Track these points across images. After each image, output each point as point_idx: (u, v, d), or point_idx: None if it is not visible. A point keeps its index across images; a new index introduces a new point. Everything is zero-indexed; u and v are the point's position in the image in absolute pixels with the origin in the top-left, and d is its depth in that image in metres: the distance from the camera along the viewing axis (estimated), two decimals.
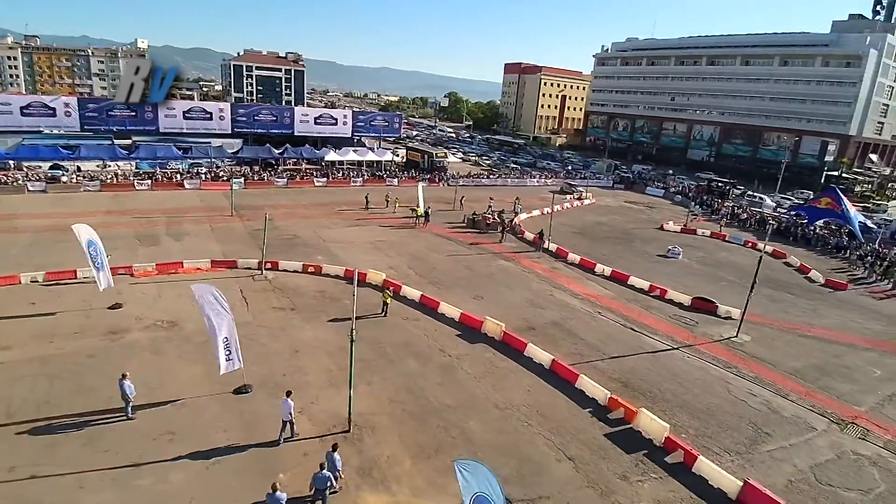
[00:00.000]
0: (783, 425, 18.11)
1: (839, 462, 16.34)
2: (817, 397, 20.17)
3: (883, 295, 33.87)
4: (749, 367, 22.01)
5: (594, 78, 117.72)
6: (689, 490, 14.64)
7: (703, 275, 34.28)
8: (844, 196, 47.93)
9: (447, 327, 23.75)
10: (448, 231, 39.94)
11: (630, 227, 46.18)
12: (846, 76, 78.14)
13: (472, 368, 20.31)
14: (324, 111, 68.84)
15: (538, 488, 14.27)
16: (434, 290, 27.76)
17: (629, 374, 20.61)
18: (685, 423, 17.80)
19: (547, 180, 66.33)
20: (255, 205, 44.68)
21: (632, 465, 15.51)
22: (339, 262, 30.84)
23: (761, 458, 16.30)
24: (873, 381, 21.93)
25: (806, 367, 22.61)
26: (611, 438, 16.67)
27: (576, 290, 29.36)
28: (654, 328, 25.21)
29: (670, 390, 19.72)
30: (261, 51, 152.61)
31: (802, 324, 27.41)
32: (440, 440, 15.99)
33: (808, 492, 14.92)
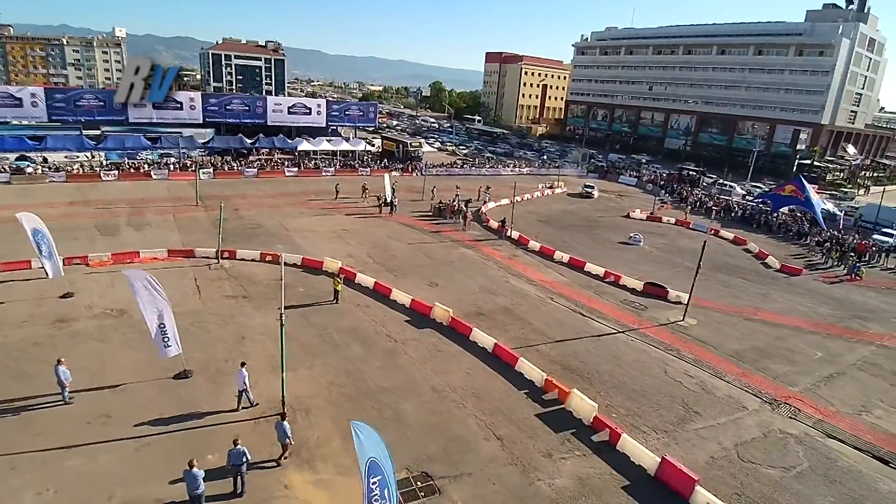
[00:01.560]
0: (714, 405, 18.61)
1: (765, 440, 16.85)
2: (753, 378, 20.70)
3: (835, 279, 34.59)
4: (690, 349, 22.52)
5: (574, 67, 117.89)
6: (610, 467, 15.05)
7: (661, 261, 34.80)
8: (809, 184, 49.07)
9: (397, 313, 23.99)
10: (414, 220, 40.10)
11: (597, 215, 46.64)
12: (818, 65, 79.06)
13: (416, 353, 20.59)
14: (297, 100, 68.37)
15: (462, 466, 14.61)
16: (390, 278, 27.98)
17: (570, 357, 21.02)
18: (618, 403, 18.23)
19: (521, 169, 66.46)
20: (222, 195, 44.27)
21: (558, 443, 15.90)
22: (300, 250, 30.93)
23: (687, 436, 16.77)
24: (812, 363, 22.54)
25: (747, 349, 23.17)
26: (542, 418, 17.05)
27: (531, 277, 29.72)
28: (602, 313, 25.65)
29: (608, 372, 20.16)
30: (241, 39, 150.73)
31: (751, 308, 28.00)
32: (372, 421, 16.07)
33: (729, 468, 15.38)
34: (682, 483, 13.97)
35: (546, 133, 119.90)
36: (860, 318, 28.27)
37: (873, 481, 15.32)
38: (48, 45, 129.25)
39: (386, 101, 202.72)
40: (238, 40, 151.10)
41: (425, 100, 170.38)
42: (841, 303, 30.38)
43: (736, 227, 47.11)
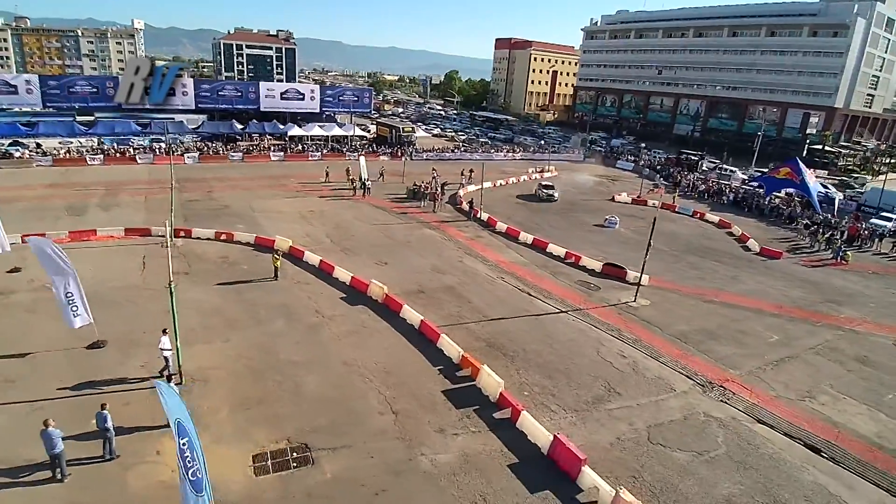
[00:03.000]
0: (640, 385, 17.72)
1: (684, 423, 15.92)
2: (693, 360, 19.69)
3: (818, 263, 32.96)
4: (632, 329, 21.57)
5: (583, 52, 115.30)
6: (503, 444, 14.38)
7: (632, 243, 33.57)
8: (806, 167, 46.98)
9: (336, 291, 23.58)
10: (387, 202, 39.57)
11: (580, 198, 45.43)
12: (832, 46, 75.59)
13: (340, 328, 20.14)
14: (290, 86, 68.38)
15: (346, 438, 14.13)
16: (340, 257, 27.60)
17: (500, 335, 20.29)
18: (535, 381, 17.48)
19: (515, 155, 65.27)
20: (202, 178, 44.75)
21: (457, 419, 15.27)
22: (259, 230, 30.77)
23: (599, 416, 15.96)
24: (765, 346, 21.35)
25: (695, 330, 22.09)
26: (448, 394, 16.42)
27: (488, 257, 28.95)
28: (551, 293, 24.81)
29: (536, 350, 19.38)
30: (252, 29, 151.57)
31: (715, 290, 26.78)
32: (268, 393, 15.90)
33: (633, 450, 14.53)
34: (570, 462, 13.22)
35: (554, 120, 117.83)
36: (834, 301, 26.82)
37: (796, 470, 14.29)
38: (63, 37, 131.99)
39: (399, 90, 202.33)
40: (250, 30, 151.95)
41: (435, 88, 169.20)
42: (817, 286, 28.87)
43: (727, 211, 45.39)
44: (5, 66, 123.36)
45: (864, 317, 25.18)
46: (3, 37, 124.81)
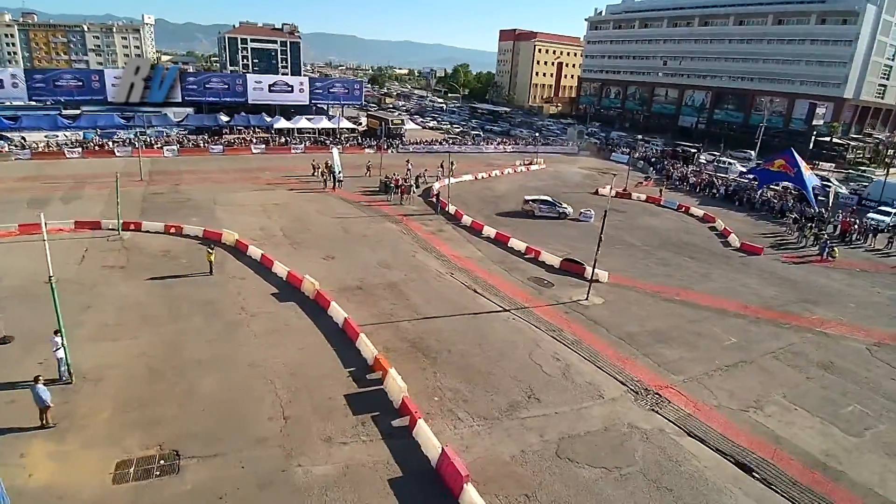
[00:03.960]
0: (566, 392, 16.35)
1: (602, 435, 14.54)
2: (633, 364, 18.25)
3: (802, 260, 31.07)
4: (575, 330, 20.14)
5: (587, 43, 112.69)
6: (392, 455, 13.19)
7: (605, 238, 31.88)
8: (802, 159, 44.75)
9: (270, 286, 22.54)
10: (356, 196, 38.45)
11: (563, 191, 43.77)
12: (841, 34, 72.42)
13: (261, 326, 19.09)
14: (278, 78, 67.60)
15: (222, 445, 13.08)
16: (287, 251, 26.60)
17: (429, 335, 19.05)
18: (450, 385, 16.21)
19: (506, 147, 63.66)
20: (176, 170, 44.14)
21: (350, 426, 14.11)
22: (213, 223, 29.89)
23: (509, 425, 14.65)
24: (718, 349, 19.80)
25: (646, 331, 20.60)
26: (351, 399, 15.26)
27: (443, 252, 27.67)
28: (499, 290, 23.47)
29: (462, 352, 18.10)
30: (257, 23, 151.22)
31: (679, 288, 25.18)
32: (157, 395, 14.94)
33: (536, 465, 13.23)
34: (453, 479, 11.97)
35: (559, 112, 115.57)
36: (810, 301, 25.05)
37: (716, 492, 12.87)
38: (69, 32, 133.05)
39: (408, 84, 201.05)
40: (255, 24, 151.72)
41: (440, 81, 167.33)
42: (795, 284, 27.08)
43: (717, 205, 43.47)
44: (13, 61, 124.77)
45: (841, 318, 23.44)
46: (10, 32, 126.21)
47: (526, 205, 35.78)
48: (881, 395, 17.61)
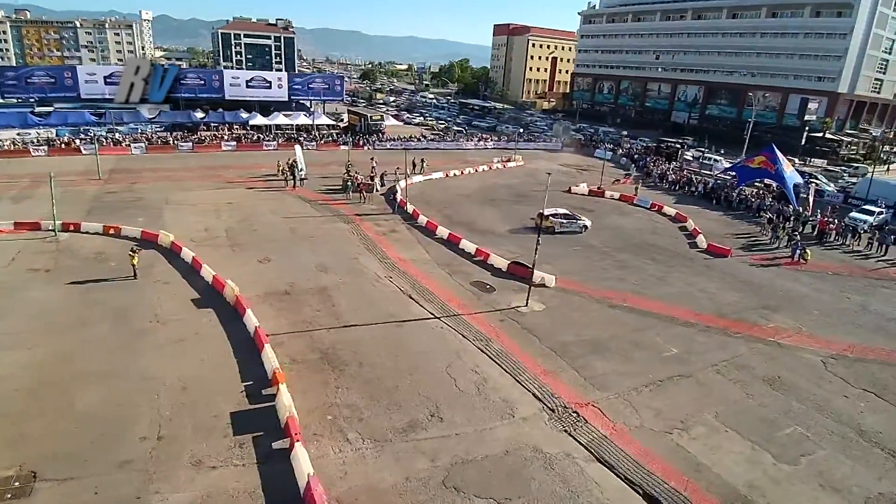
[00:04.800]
0: (475, 409, 15.19)
1: (500, 460, 13.36)
2: (558, 378, 17.05)
3: (772, 262, 29.70)
4: (503, 340, 18.95)
5: (580, 37, 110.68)
6: (262, 482, 12.13)
7: (564, 240, 30.72)
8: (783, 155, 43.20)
9: (193, 291, 21.55)
10: (315, 194, 37.30)
11: (533, 190, 42.43)
12: (835, 27, 70.38)
13: (169, 335, 18.07)
14: (256, 73, 66.41)
15: (81, 468, 12.18)
16: (224, 253, 25.64)
17: (345, 345, 17.94)
18: (350, 401, 15.10)
19: (487, 143, 62.32)
20: (138, 168, 43.24)
21: (226, 448, 13.04)
22: (159, 224, 28.99)
23: (402, 447, 13.53)
24: (656, 361, 18.55)
25: (581, 341, 19.38)
26: (237, 417, 14.22)
27: (388, 254, 26.52)
28: (435, 295, 22.31)
29: (375, 363, 16.98)
30: (250, 18, 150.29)
31: (630, 293, 23.92)
32: (32, 410, 13.98)
33: (417, 495, 12.12)
34: None
35: (552, 108, 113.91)
36: (770, 307, 23.74)
37: None
38: (62, 28, 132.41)
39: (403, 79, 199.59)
40: (248, 19, 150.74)
41: (436, 77, 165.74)
42: (758, 289, 25.76)
43: (695, 203, 42.09)
44: (5, 58, 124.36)
45: (800, 326, 22.12)
46: (3, 29, 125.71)
47: (545, 220, 30.17)
48: (828, 415, 16.30)
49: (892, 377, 18.85)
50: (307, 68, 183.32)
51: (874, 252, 32.75)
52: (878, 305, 25.04)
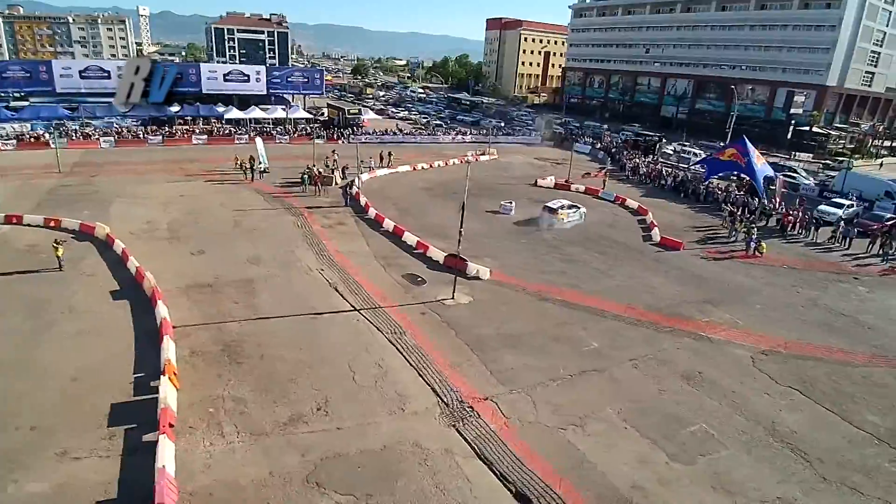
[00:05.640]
0: (364, 404, 14.86)
1: (376, 455, 12.90)
2: (461, 372, 16.62)
3: (726, 255, 29.14)
4: (417, 333, 18.55)
5: (571, 31, 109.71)
6: (123, 474, 12.05)
7: (514, 232, 30.29)
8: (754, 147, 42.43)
9: (115, 283, 21.26)
10: (274, 187, 36.96)
11: (499, 183, 41.96)
12: (824, 19, 69.30)
13: (77, 327, 17.93)
14: (234, 67, 66.11)
15: None
16: (161, 246, 25.42)
17: (251, 338, 17.60)
18: (239, 395, 14.79)
19: (465, 137, 61.80)
20: (102, 162, 43.02)
21: (98, 439, 12.94)
22: (104, 217, 28.61)
23: (276, 442, 13.24)
24: (573, 356, 18.05)
25: (501, 335, 18.95)
26: (118, 408, 14.07)
27: (326, 247, 26.17)
28: (363, 288, 21.91)
29: (277, 357, 16.66)
30: (243, 13, 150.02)
31: (567, 287, 23.43)
32: None
33: (275, 490, 11.75)
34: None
35: (543, 103, 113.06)
36: (712, 301, 23.21)
37: None
38: (55, 24, 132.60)
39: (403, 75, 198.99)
40: (242, 14, 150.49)
41: (431, 71, 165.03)
42: (704, 282, 25.23)
43: (663, 196, 41.51)
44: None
45: (737, 321, 21.58)
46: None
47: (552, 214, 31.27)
48: (742, 413, 15.72)
49: (824, 375, 18.23)
50: (304, 64, 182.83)
51: (837, 246, 32.07)
52: (828, 300, 24.43)
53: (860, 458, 14.10)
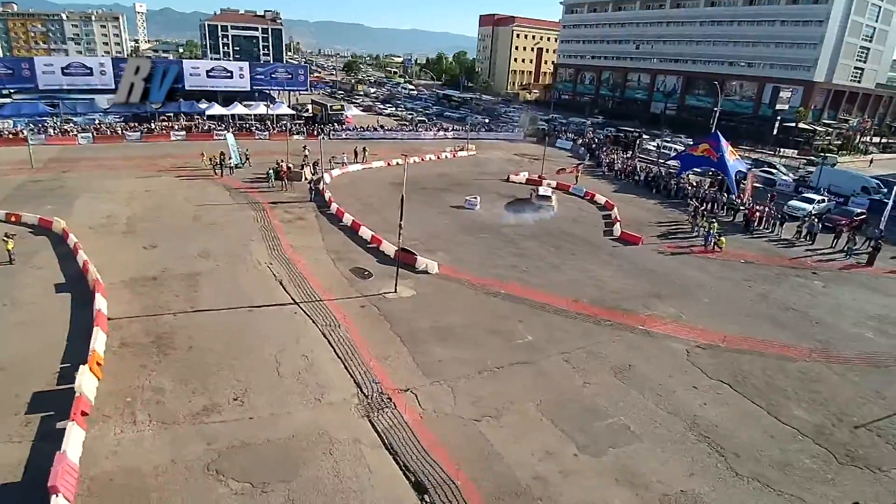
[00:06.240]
0: (284, 394, 15.08)
1: (283, 445, 13.07)
2: (387, 364, 16.79)
3: (683, 250, 29.20)
4: (351, 326, 18.69)
5: (563, 27, 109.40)
6: (31, 459, 12.36)
7: (473, 226, 30.41)
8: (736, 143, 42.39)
9: (61, 277, 21.53)
10: (242, 183, 37.11)
11: (471, 178, 42.07)
12: (812, 14, 68.96)
13: (17, 318, 18.36)
14: (217, 63, 66.18)
15: None
16: (115, 240, 25.75)
17: (184, 330, 17.81)
18: (159, 385, 15.05)
19: (446, 133, 61.86)
20: (77, 158, 43.23)
21: (13, 426, 13.30)
22: (66, 211, 28.97)
23: (185, 431, 13.46)
24: (505, 348, 18.13)
25: (434, 328, 19.12)
26: (38, 397, 14.40)
27: (280, 241, 26.31)
28: (307, 281, 22.07)
29: (206, 349, 16.91)
30: (238, 9, 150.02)
31: (513, 281, 23.52)
32: None
33: (173, 477, 12.02)
34: (52, 488, 10.76)
35: (535, 99, 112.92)
36: (659, 295, 23.31)
37: None
38: (48, 21, 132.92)
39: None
40: (236, 11, 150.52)
41: (425, 68, 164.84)
42: (656, 276, 25.31)
43: (635, 192, 41.57)
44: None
45: (681, 314, 21.67)
46: None
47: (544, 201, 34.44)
48: (664, 406, 15.77)
49: (759, 369, 18.26)
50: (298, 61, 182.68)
51: (802, 241, 32.08)
52: (780, 295, 24.49)
53: (779, 454, 14.11)
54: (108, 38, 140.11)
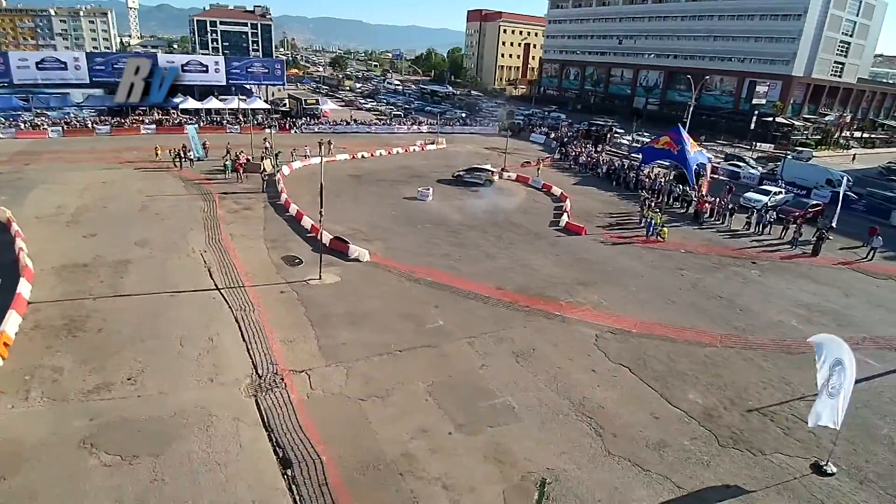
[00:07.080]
0: (178, 375, 15.47)
1: (161, 422, 13.39)
2: (290, 347, 17.11)
3: (626, 240, 29.55)
4: (265, 311, 19.12)
5: (548, 23, 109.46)
6: None
7: (421, 217, 30.84)
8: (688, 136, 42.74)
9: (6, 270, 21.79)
10: (200, 175, 37.53)
11: (431, 171, 42.39)
12: (790, 8, 68.99)
13: None
14: (192, 58, 66.53)
15: None
16: (57, 229, 26.19)
17: (99, 314, 18.27)
18: (59, 364, 15.52)
19: (420, 127, 62.19)
20: (42, 151, 43.70)
21: None
22: (17, 202, 29.31)
23: (74, 407, 13.89)
24: (412, 333, 18.39)
25: (348, 313, 19.56)
26: None
27: (218, 231, 26.74)
28: (235, 268, 22.49)
29: (114, 331, 17.35)
30: (227, 5, 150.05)
31: (443, 269, 23.92)
32: None
33: (53, 447, 12.38)
34: None
35: (522, 94, 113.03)
36: (585, 283, 23.69)
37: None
38: (36, 17, 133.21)
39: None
40: (226, 6, 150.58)
41: (414, 63, 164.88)
42: (589, 265, 25.68)
43: (595, 184, 41.92)
44: None
45: (603, 301, 22.02)
46: None
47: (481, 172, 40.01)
48: (556, 388, 16.01)
49: (665, 354, 18.43)
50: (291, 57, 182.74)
51: (751, 232, 32.40)
52: (710, 283, 24.83)
53: (659, 435, 14.29)
54: (97, 33, 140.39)
